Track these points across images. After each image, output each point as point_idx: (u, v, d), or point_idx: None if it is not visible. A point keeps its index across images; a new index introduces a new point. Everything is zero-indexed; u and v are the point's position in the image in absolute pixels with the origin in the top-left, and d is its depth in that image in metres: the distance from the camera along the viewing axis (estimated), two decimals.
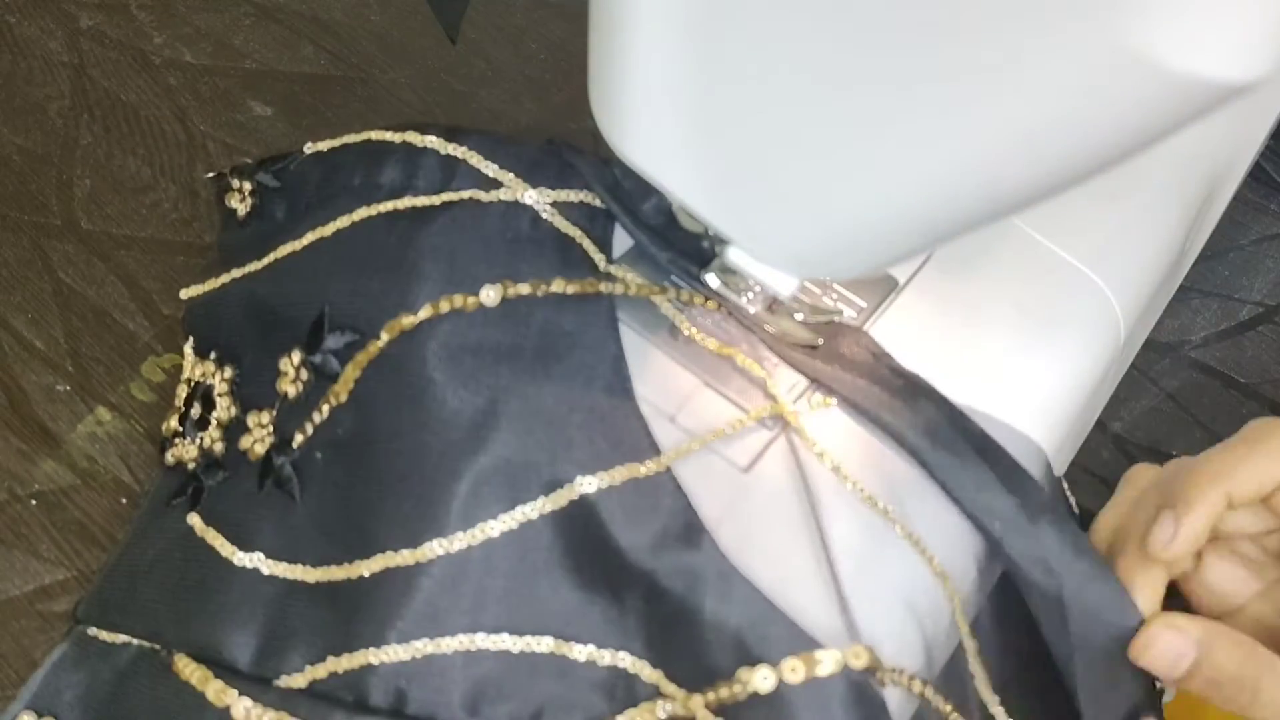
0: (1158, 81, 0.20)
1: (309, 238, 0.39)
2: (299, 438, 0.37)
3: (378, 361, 0.36)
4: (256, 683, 0.34)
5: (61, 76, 0.56)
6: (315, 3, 0.62)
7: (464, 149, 0.39)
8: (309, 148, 0.42)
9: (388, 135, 0.40)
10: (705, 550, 0.32)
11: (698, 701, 0.31)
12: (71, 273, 0.49)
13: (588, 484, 0.33)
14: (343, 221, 0.39)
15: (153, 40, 0.59)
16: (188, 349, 0.43)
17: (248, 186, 0.43)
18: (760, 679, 0.30)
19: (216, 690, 0.33)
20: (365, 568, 0.34)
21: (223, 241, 0.44)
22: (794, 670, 0.30)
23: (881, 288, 0.39)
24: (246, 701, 0.33)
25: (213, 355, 0.41)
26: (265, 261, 0.40)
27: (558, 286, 0.36)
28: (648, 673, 0.32)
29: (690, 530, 0.33)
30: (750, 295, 0.37)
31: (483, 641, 0.33)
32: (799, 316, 0.37)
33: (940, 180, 0.25)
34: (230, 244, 0.43)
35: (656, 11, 0.26)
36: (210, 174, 0.46)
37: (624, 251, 0.38)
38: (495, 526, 0.33)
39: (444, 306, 0.35)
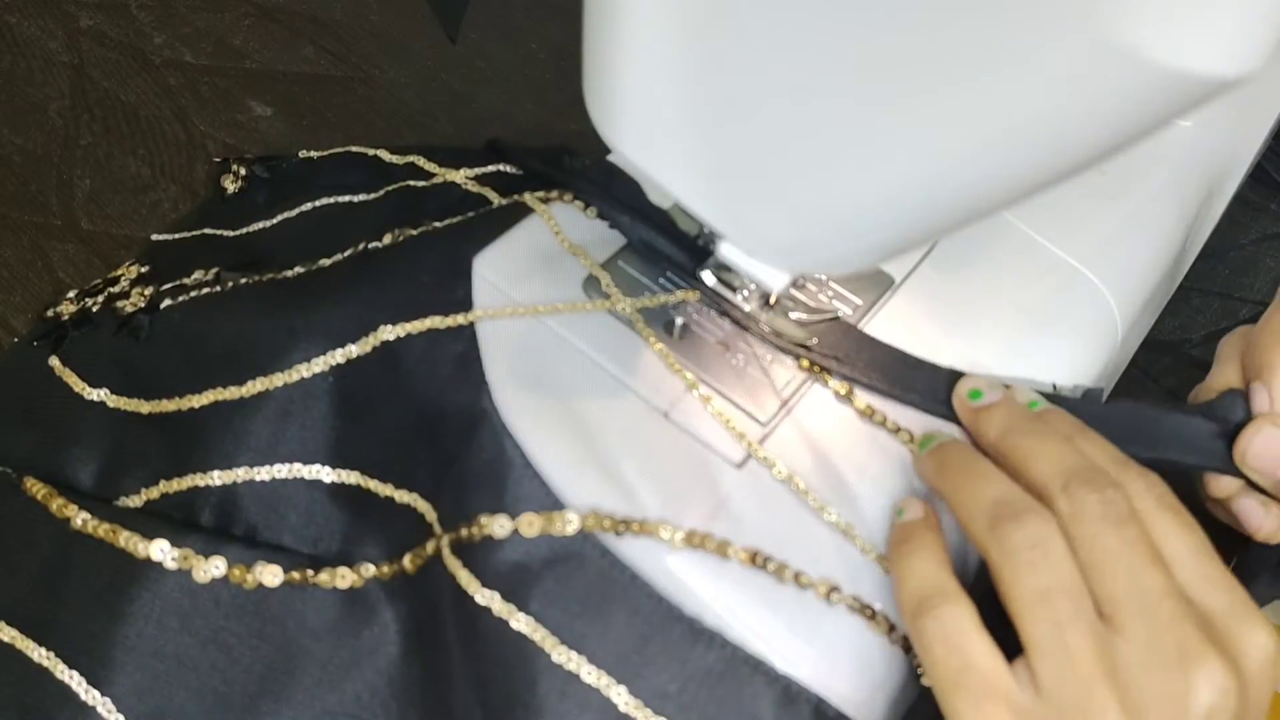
0: (1143, 76, 0.20)
1: (278, 218, 0.46)
2: (167, 302, 0.40)
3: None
4: (96, 501, 0.37)
5: (61, 76, 0.56)
6: (315, 3, 0.62)
7: (421, 158, 0.46)
8: (302, 154, 0.50)
9: (367, 150, 0.48)
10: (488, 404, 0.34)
11: (445, 540, 0.33)
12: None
13: (389, 331, 0.35)
14: (306, 206, 0.46)
15: (153, 40, 0.59)
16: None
17: (242, 171, 0.50)
18: (498, 526, 0.32)
19: (59, 505, 0.36)
20: (195, 400, 0.37)
21: (205, 208, 0.50)
22: (530, 525, 0.32)
23: (877, 285, 0.39)
24: (85, 514, 0.36)
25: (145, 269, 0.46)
26: (237, 233, 0.46)
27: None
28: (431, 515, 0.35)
29: (475, 383, 0.34)
30: (746, 293, 0.37)
31: (299, 471, 0.36)
32: (794, 315, 0.37)
33: (928, 173, 0.25)
34: (211, 211, 0.49)
35: (651, 3, 0.26)
36: (216, 159, 0.53)
37: (619, 249, 0.38)
38: (308, 369, 0.36)
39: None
